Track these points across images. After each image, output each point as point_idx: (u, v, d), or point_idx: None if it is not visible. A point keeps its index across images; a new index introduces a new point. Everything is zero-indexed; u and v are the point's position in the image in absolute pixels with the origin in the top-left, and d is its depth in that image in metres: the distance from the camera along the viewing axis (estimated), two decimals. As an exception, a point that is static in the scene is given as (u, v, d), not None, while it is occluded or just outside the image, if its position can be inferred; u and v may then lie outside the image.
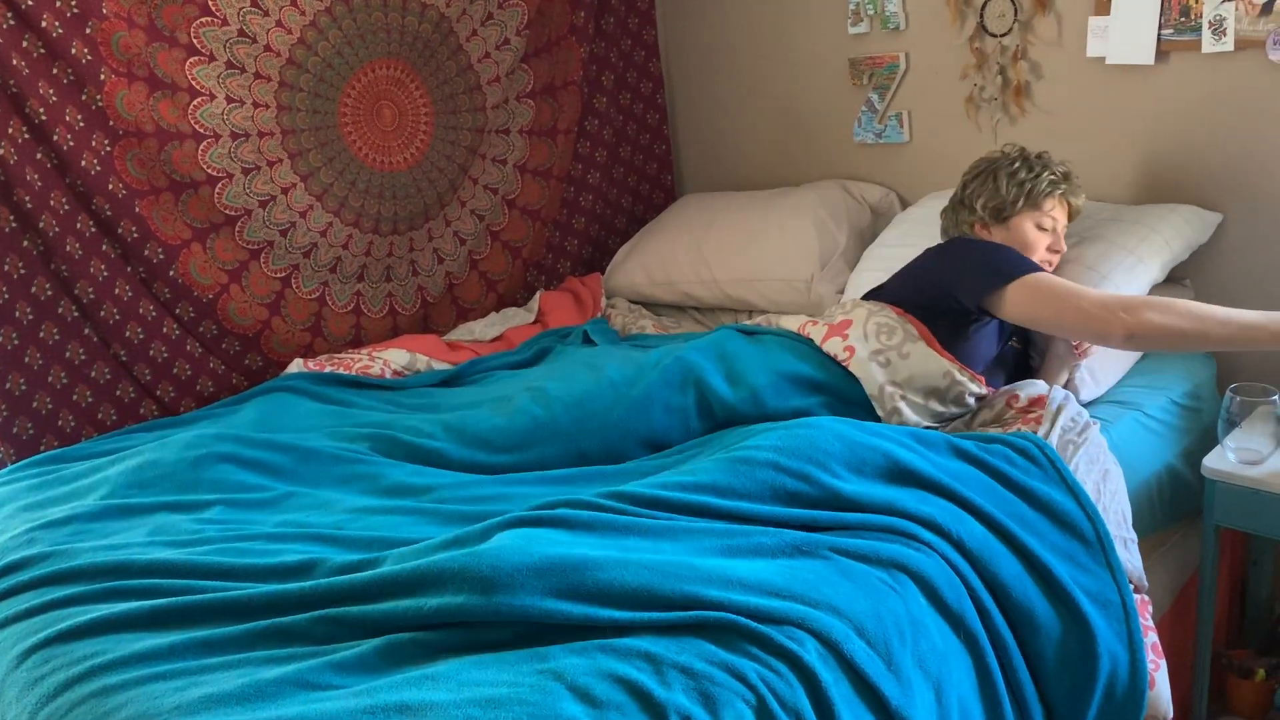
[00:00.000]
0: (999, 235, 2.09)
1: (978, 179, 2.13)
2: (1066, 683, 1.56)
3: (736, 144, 3.30)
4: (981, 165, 2.14)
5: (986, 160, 2.14)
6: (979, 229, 2.12)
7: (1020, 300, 1.92)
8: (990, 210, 2.09)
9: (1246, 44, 2.15)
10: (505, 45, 2.94)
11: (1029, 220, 2.07)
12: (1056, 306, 1.88)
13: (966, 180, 2.16)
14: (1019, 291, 1.92)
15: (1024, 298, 1.92)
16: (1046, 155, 2.11)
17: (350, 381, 2.38)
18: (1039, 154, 2.11)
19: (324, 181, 2.67)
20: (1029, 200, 2.06)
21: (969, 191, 2.13)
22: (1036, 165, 2.08)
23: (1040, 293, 1.91)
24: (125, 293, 2.36)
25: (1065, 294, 1.89)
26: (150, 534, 1.65)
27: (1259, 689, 2.14)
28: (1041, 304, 1.90)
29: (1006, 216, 2.08)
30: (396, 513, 1.70)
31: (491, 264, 3.05)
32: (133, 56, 2.31)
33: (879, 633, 1.36)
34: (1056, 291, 1.90)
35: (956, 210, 2.17)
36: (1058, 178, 2.08)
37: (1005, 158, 2.12)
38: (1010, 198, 2.07)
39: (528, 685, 1.17)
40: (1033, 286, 1.92)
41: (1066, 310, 1.87)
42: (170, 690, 1.24)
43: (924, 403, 1.93)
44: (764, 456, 1.61)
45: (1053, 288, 1.90)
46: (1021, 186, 2.07)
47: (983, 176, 2.12)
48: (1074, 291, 1.89)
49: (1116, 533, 1.73)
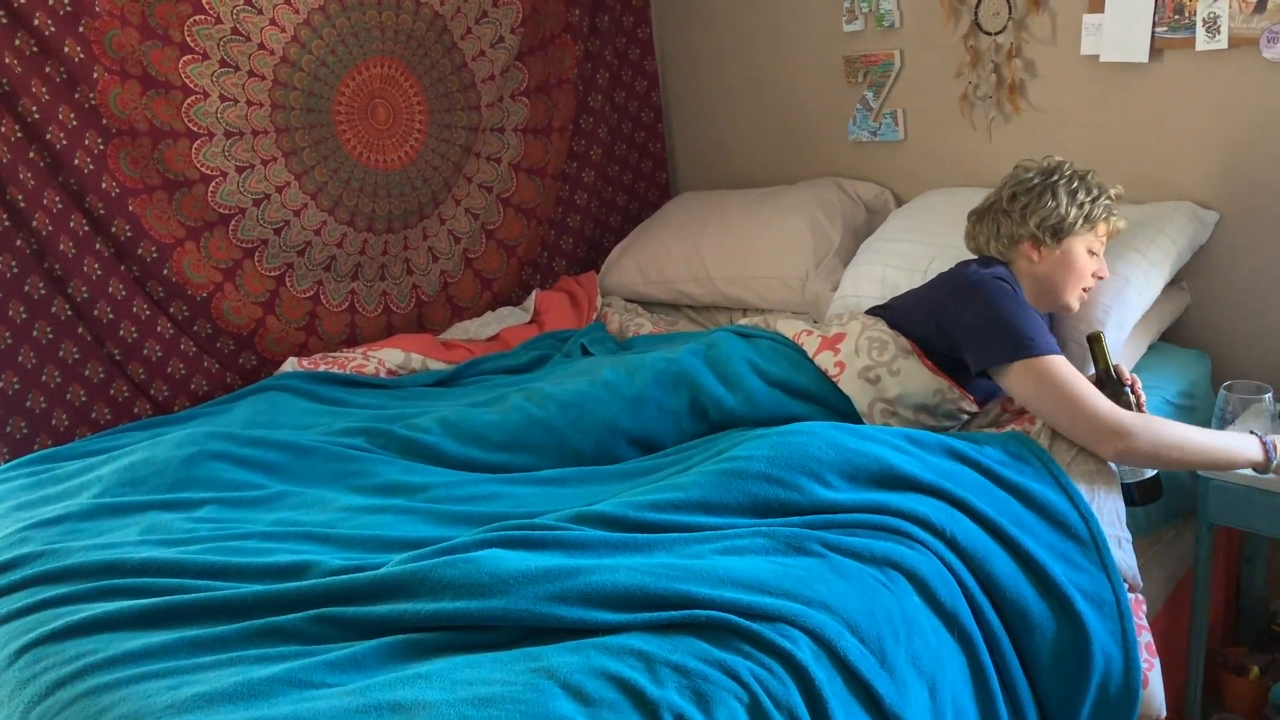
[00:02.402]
0: (1048, 256, 1.98)
1: (1031, 193, 1.99)
2: (1060, 681, 1.56)
3: (732, 142, 3.29)
4: (1035, 179, 2.00)
5: (1039, 172, 2.02)
6: (1028, 247, 1.99)
7: (1023, 382, 1.83)
8: (1049, 229, 1.96)
9: (1240, 41, 2.15)
10: (500, 43, 2.94)
11: (1082, 244, 1.98)
12: (1057, 403, 1.79)
13: (1016, 191, 2.01)
14: (1025, 372, 1.82)
15: (1028, 381, 1.82)
16: (1093, 174, 2.01)
17: (344, 380, 2.38)
18: (1088, 172, 2.01)
19: (318, 180, 2.66)
20: (1088, 222, 1.97)
21: (1021, 205, 1.99)
22: (1094, 187, 1.98)
23: (1046, 383, 1.80)
24: (119, 292, 2.36)
25: (1069, 394, 1.78)
26: (143, 533, 1.65)
27: (1253, 686, 2.14)
28: (1044, 394, 1.80)
29: (1063, 237, 1.97)
30: (390, 511, 1.70)
31: (486, 262, 3.05)
32: (126, 55, 2.31)
33: (873, 630, 1.36)
34: (1060, 388, 1.79)
35: (999, 220, 2.02)
36: (1112, 200, 2.00)
37: (1059, 173, 2.00)
38: (1071, 218, 1.95)
39: (520, 684, 1.17)
40: (1039, 372, 1.81)
41: (1063, 410, 1.78)
42: (162, 689, 1.24)
43: (914, 418, 1.93)
44: (756, 469, 1.61)
45: (1058, 382, 1.79)
46: (1082, 208, 1.96)
47: (1037, 192, 1.98)
48: (1078, 394, 1.77)
49: (1110, 531, 1.73)
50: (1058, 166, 2.02)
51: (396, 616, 1.33)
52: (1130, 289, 2.12)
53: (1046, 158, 2.06)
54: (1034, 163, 2.06)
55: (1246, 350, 2.33)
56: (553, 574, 1.33)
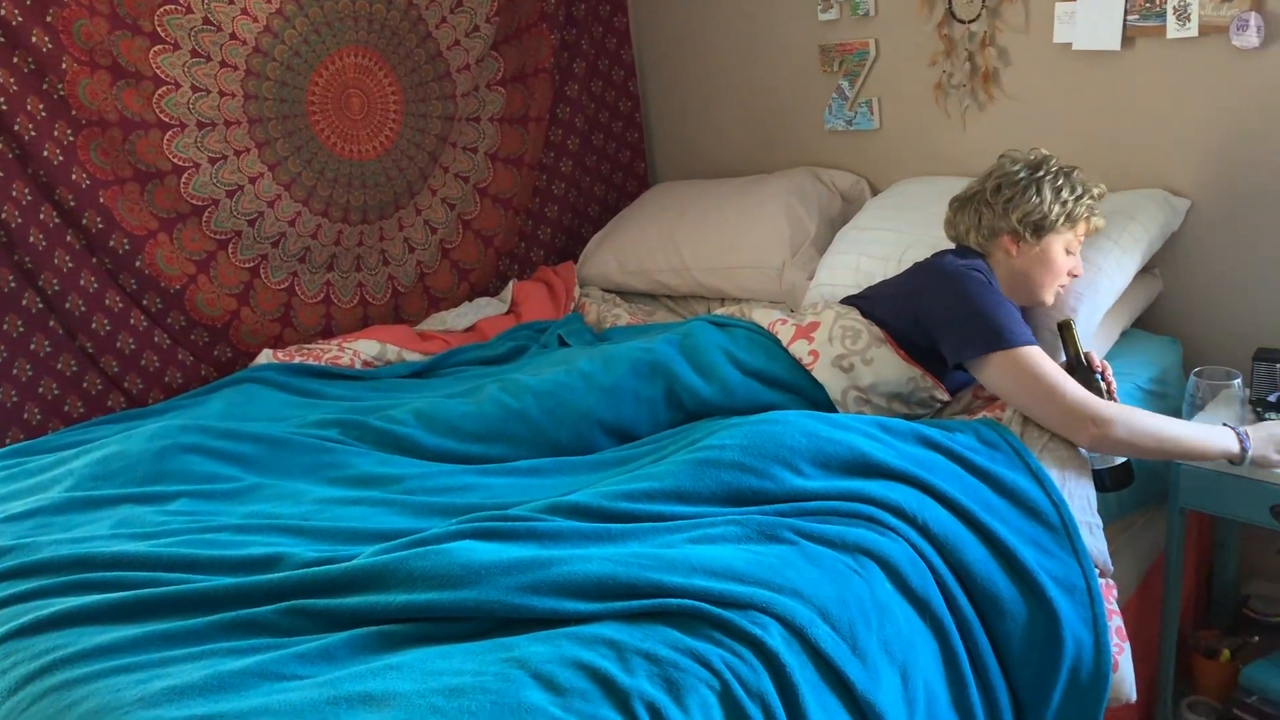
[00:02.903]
0: (1026, 252, 1.97)
1: (1015, 186, 1.97)
2: (1032, 666, 1.57)
3: (710, 131, 3.29)
4: (1020, 172, 1.99)
5: (1024, 165, 2.00)
6: (1008, 240, 1.98)
7: (1000, 374, 1.84)
8: (1030, 225, 1.95)
9: (1210, 29, 2.16)
10: (475, 32, 2.93)
11: (1061, 242, 1.97)
12: (1034, 394, 1.80)
13: (1001, 183, 1.99)
14: (1002, 364, 1.83)
15: (1005, 373, 1.83)
16: (1079, 172, 2.00)
17: (320, 372, 2.37)
18: (1074, 169, 2.00)
19: (292, 171, 2.65)
20: (1069, 221, 1.96)
21: (1004, 197, 1.98)
22: (1078, 185, 1.97)
23: (1022, 374, 1.81)
24: (91, 284, 2.34)
25: (1046, 385, 1.79)
26: (115, 526, 1.64)
27: (1224, 669, 2.16)
28: (1020, 385, 1.81)
29: (1043, 234, 1.96)
30: (364, 504, 1.70)
31: (463, 253, 3.04)
32: (95, 45, 2.28)
33: (844, 617, 1.37)
34: (1037, 379, 1.80)
35: (981, 211, 2.01)
36: (1094, 200, 1.99)
37: (1045, 168, 1.98)
38: (1053, 216, 1.94)
39: (491, 674, 1.17)
40: (1015, 364, 1.82)
41: (1040, 401, 1.79)
42: (133, 683, 1.23)
43: (887, 406, 1.94)
44: (729, 457, 1.61)
45: (1035, 373, 1.81)
46: (1065, 206, 1.95)
47: (1022, 186, 1.97)
48: (1055, 384, 1.79)
49: (1081, 518, 1.74)
50: (1044, 161, 2.00)
51: (368, 608, 1.32)
52: (1102, 276, 2.13)
53: (1033, 150, 2.04)
54: (1020, 154, 2.04)
55: (1218, 336, 2.35)
56: (525, 565, 1.33)
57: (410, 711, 1.11)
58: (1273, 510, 1.84)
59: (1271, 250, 2.23)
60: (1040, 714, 1.58)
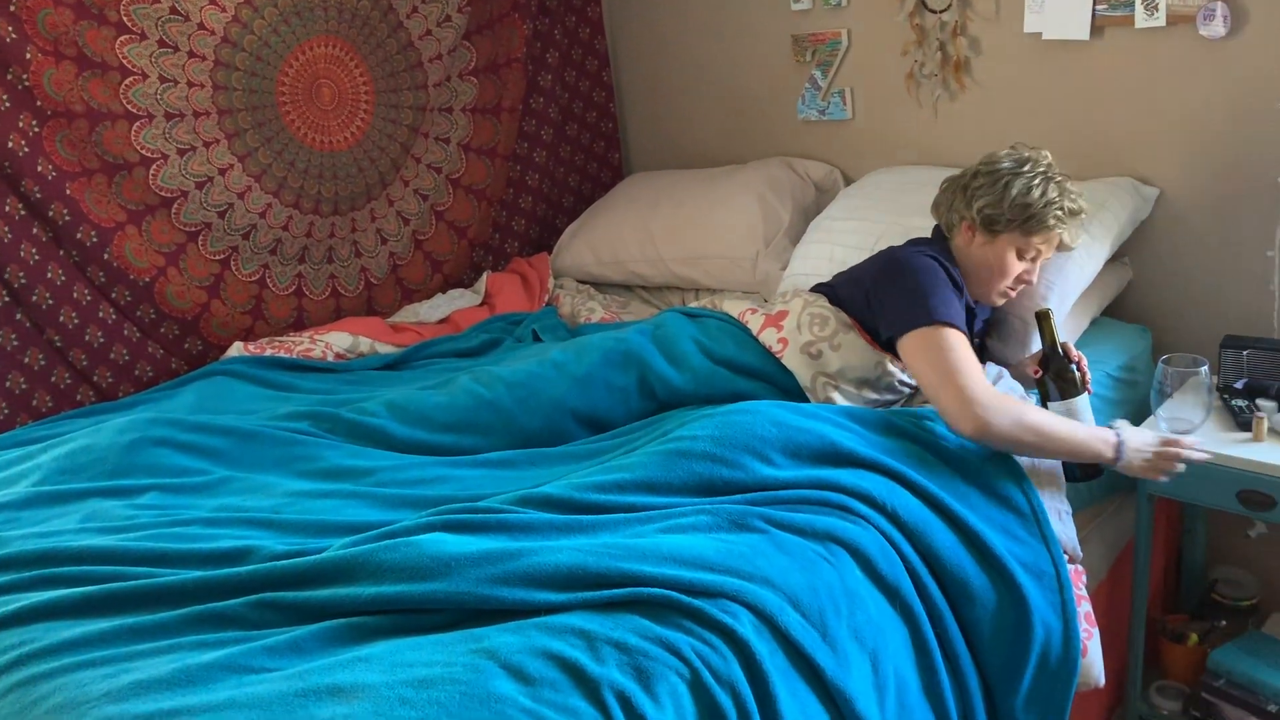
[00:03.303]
0: (979, 244, 1.96)
1: (990, 176, 1.95)
2: (1001, 651, 1.58)
3: (684, 121, 3.29)
4: (1004, 164, 1.96)
5: (1012, 159, 1.96)
6: (965, 228, 1.97)
7: (913, 349, 1.82)
8: (985, 218, 1.93)
9: (1177, 19, 2.18)
10: (446, 22, 2.91)
11: (1013, 246, 1.93)
12: (933, 369, 1.77)
13: (980, 169, 1.98)
14: (918, 338, 1.81)
15: (918, 348, 1.81)
16: (1066, 182, 1.94)
17: (291, 365, 2.36)
18: (1062, 177, 1.94)
19: (262, 162, 2.63)
20: (1024, 225, 1.91)
21: (977, 184, 1.96)
22: (1052, 192, 1.91)
23: (931, 349, 1.79)
24: (58, 277, 2.32)
25: (948, 363, 1.76)
26: (82, 520, 1.63)
27: (1192, 653, 2.19)
28: (925, 360, 1.79)
29: (997, 231, 1.93)
30: (335, 496, 1.69)
31: (436, 244, 3.03)
32: (60, 35, 2.26)
33: (814, 605, 1.37)
34: (942, 355, 1.77)
35: (956, 194, 2.01)
36: (1063, 214, 1.92)
37: (1030, 167, 1.94)
38: (1008, 214, 1.91)
39: (461, 665, 1.17)
40: (928, 337, 1.80)
41: (936, 377, 1.76)
42: (99, 677, 1.22)
43: (857, 392, 1.94)
44: (700, 448, 1.61)
45: (943, 348, 1.78)
46: (1025, 209, 1.90)
47: (996, 177, 1.94)
48: (956, 366, 1.75)
49: (1051, 504, 1.76)
50: (1033, 160, 1.96)
51: (338, 601, 1.32)
52: (1072, 264, 2.15)
53: (1035, 149, 2.00)
54: (1022, 149, 2.00)
55: (1186, 324, 2.37)
56: (495, 556, 1.33)
57: (379, 703, 1.11)
58: (1239, 496, 1.86)
59: (1239, 238, 2.25)
60: (1010, 699, 1.59)
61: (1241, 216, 2.23)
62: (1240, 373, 2.11)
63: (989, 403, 1.70)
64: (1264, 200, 2.18)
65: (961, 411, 1.70)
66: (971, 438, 1.71)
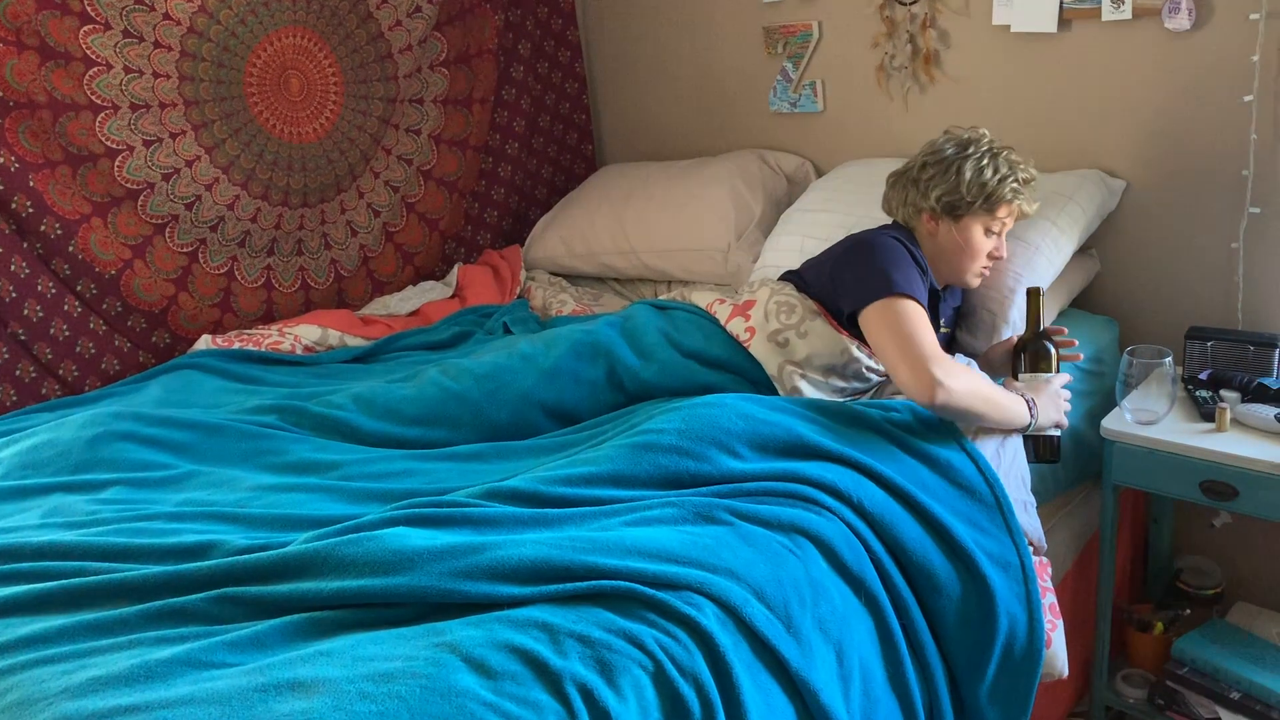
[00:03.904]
0: (945, 231, 1.99)
1: (939, 165, 1.98)
2: (966, 642, 1.59)
3: (657, 113, 3.28)
4: (948, 150, 1.99)
5: (954, 143, 2.00)
6: (927, 219, 2.00)
7: (875, 319, 1.83)
8: (945, 205, 1.96)
9: (1143, 12, 2.19)
10: (417, 13, 2.89)
11: (980, 224, 1.96)
12: (892, 339, 1.79)
13: (927, 160, 2.00)
14: (878, 309, 1.83)
15: (878, 319, 1.82)
16: (1010, 153, 1.98)
17: (260, 358, 2.34)
18: (1005, 150, 1.98)
19: (230, 154, 2.60)
20: (986, 204, 1.94)
21: (928, 175, 1.99)
22: (1003, 167, 1.94)
23: (891, 319, 1.81)
24: (22, 269, 2.29)
25: (906, 333, 1.78)
26: (45, 516, 1.61)
27: (1157, 641, 2.21)
28: (886, 330, 1.80)
29: (960, 215, 1.96)
30: (300, 490, 1.68)
31: (407, 236, 3.01)
32: (21, 25, 2.23)
33: (779, 596, 1.37)
34: (901, 326, 1.79)
35: (908, 188, 2.02)
36: (1019, 184, 1.95)
37: (975, 148, 1.97)
38: (969, 197, 1.94)
39: (422, 659, 1.17)
40: (888, 307, 1.82)
41: (895, 347, 1.78)
42: (58, 674, 1.21)
43: (824, 379, 1.94)
44: (667, 441, 1.62)
45: (901, 321, 1.80)
46: (984, 188, 1.93)
47: (945, 164, 1.97)
48: (914, 336, 1.77)
49: (1016, 496, 1.77)
50: (974, 140, 1.99)
51: (300, 595, 1.31)
52: (1040, 256, 2.16)
53: (971, 129, 2.04)
54: (958, 132, 2.04)
55: (1152, 316, 2.39)
56: (458, 550, 1.33)
57: (339, 697, 1.11)
58: (1202, 486, 1.87)
59: (1204, 231, 2.26)
60: (974, 689, 1.60)
61: (1207, 209, 2.25)
62: (1205, 363, 2.13)
63: (946, 370, 1.73)
64: (1229, 193, 2.20)
65: (919, 380, 1.73)
66: (928, 406, 1.73)
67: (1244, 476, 1.83)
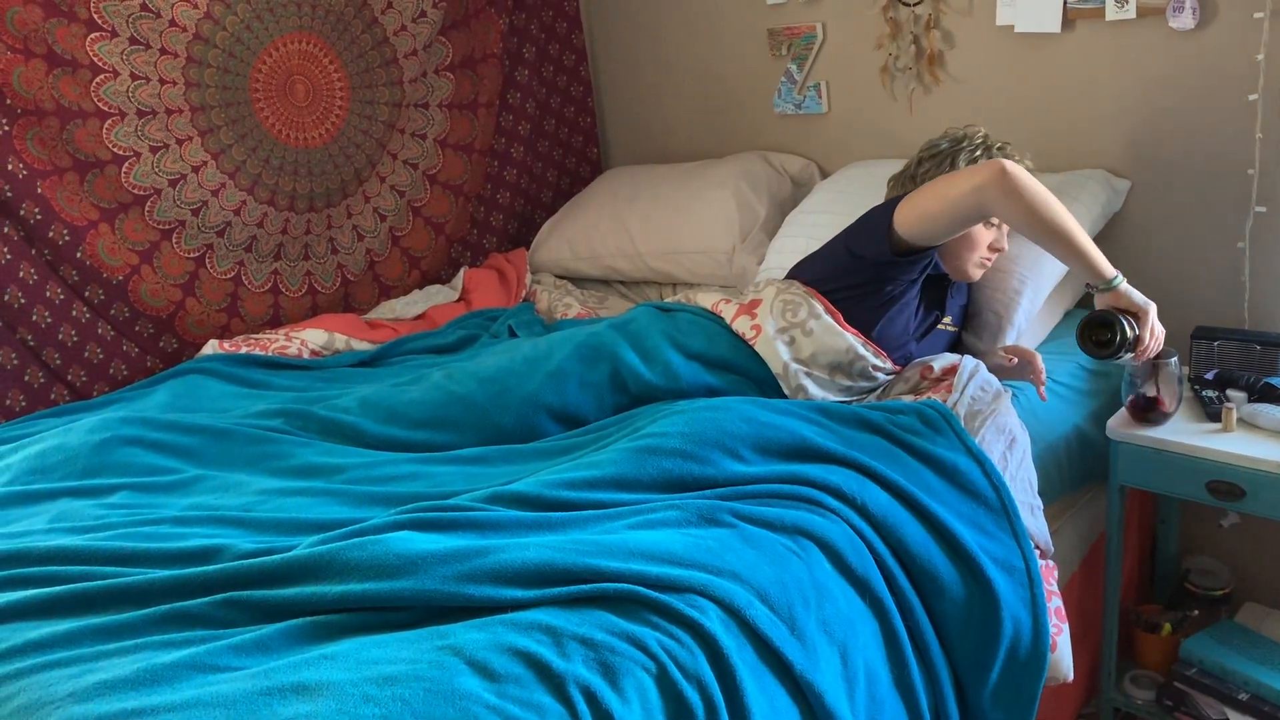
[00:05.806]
0: None
1: (935, 159, 2.02)
2: (970, 645, 1.59)
3: (661, 115, 3.29)
4: (942, 144, 2.04)
5: (949, 139, 2.04)
6: None
7: (908, 216, 1.88)
8: None
9: (1147, 11, 2.19)
10: (422, 18, 2.90)
11: None
12: (937, 192, 1.84)
13: (923, 157, 2.05)
14: (903, 211, 1.89)
15: (908, 211, 1.88)
16: (1008, 147, 2.02)
17: (266, 362, 2.36)
18: (1001, 145, 2.02)
19: (236, 159, 2.61)
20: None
21: (923, 170, 2.03)
22: (998, 158, 1.95)
23: (918, 196, 1.87)
24: (30, 276, 2.31)
25: (936, 182, 1.86)
26: (52, 520, 1.62)
27: (1165, 642, 2.20)
28: (925, 202, 1.86)
29: None
30: (306, 494, 1.68)
31: (414, 240, 3.02)
32: (29, 32, 2.24)
33: (782, 598, 1.37)
34: (927, 188, 1.87)
35: (905, 186, 2.07)
36: None
37: (968, 141, 2.02)
38: None
39: (426, 662, 1.17)
40: (907, 200, 1.90)
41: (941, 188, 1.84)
42: (64, 678, 1.22)
43: (829, 378, 1.94)
44: (671, 445, 1.61)
45: (923, 188, 1.88)
46: None
47: (940, 158, 2.01)
48: (942, 178, 1.86)
49: (1023, 499, 1.76)
50: (968, 135, 2.02)
51: (304, 599, 1.31)
52: (1046, 257, 2.15)
53: (966, 126, 2.07)
54: (955, 130, 2.07)
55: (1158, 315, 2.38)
56: (462, 554, 1.33)
57: (343, 700, 1.11)
58: (1208, 487, 1.87)
59: (1209, 231, 2.26)
60: (979, 692, 1.59)
61: (1212, 208, 2.24)
62: (1211, 363, 2.12)
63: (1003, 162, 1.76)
64: (1234, 192, 2.19)
65: (983, 169, 1.77)
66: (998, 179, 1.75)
67: (1251, 476, 1.82)
